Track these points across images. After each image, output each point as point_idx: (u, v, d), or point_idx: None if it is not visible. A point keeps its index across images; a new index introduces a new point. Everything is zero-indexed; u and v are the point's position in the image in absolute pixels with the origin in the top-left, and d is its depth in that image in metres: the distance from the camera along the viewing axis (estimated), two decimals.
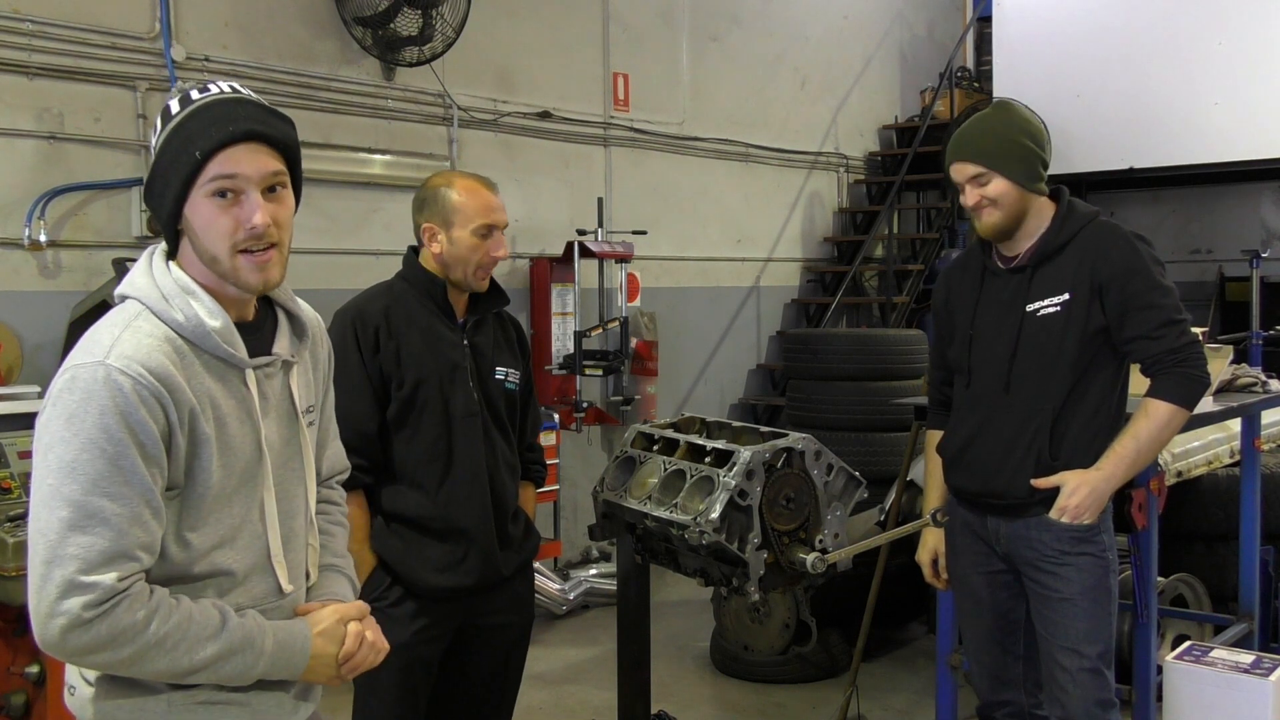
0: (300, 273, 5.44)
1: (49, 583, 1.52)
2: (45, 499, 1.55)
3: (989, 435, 2.91)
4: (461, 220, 2.77)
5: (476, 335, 2.88)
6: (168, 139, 1.66)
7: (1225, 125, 7.59)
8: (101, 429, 1.54)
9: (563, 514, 6.58)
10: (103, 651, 1.54)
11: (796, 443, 2.73)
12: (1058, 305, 2.82)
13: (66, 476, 1.54)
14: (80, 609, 1.51)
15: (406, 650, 2.71)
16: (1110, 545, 2.87)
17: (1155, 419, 2.77)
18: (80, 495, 1.53)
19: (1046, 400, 2.83)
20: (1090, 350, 2.81)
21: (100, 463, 1.54)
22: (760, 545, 2.64)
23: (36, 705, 3.62)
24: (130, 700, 1.65)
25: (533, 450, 3.10)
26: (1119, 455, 2.78)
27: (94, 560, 1.52)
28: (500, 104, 6.55)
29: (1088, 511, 2.77)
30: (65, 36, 4.76)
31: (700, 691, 4.99)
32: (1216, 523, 4.85)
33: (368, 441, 2.73)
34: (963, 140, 2.89)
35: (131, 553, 1.55)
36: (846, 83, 9.26)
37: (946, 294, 3.10)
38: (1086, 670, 2.81)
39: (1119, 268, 2.77)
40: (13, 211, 4.63)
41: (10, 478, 3.82)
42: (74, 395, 1.56)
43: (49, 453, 1.56)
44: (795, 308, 8.79)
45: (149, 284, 1.68)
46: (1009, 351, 2.87)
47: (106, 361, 1.57)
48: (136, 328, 1.63)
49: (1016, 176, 2.82)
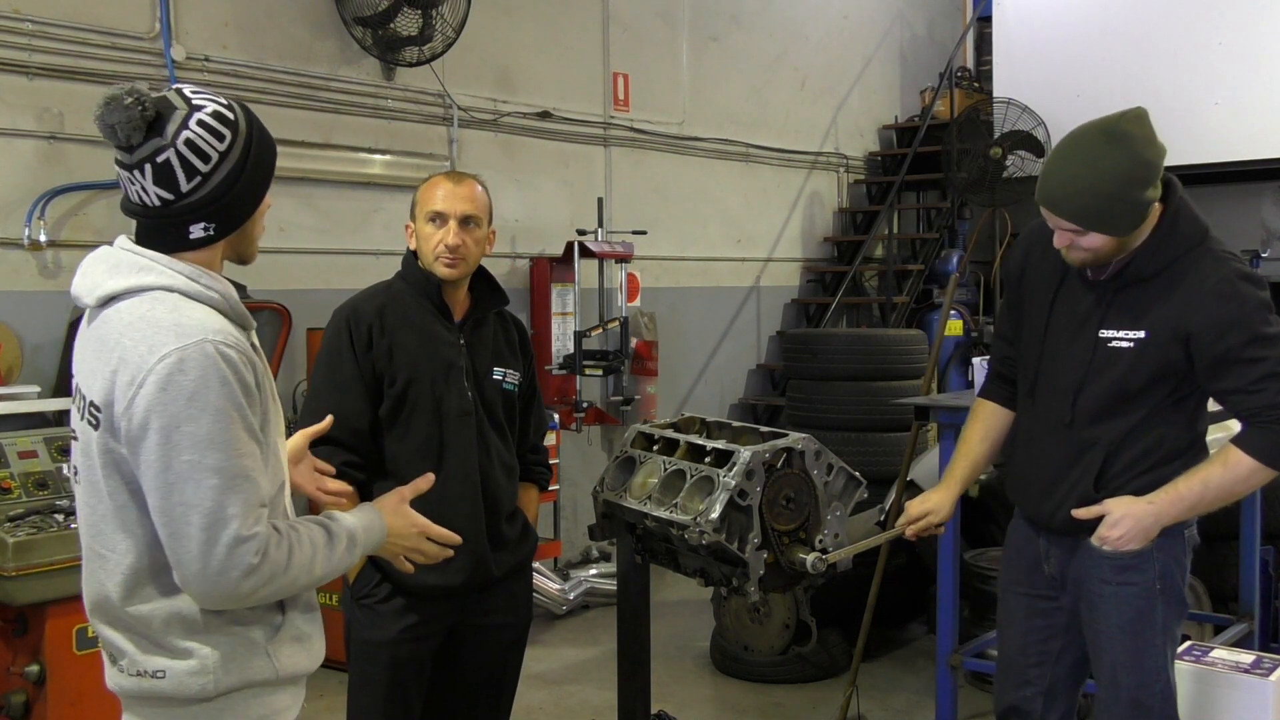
0: (300, 273, 5.45)
1: (217, 544, 1.68)
2: (187, 474, 1.68)
3: (1045, 460, 2.77)
4: (419, 210, 2.85)
5: (474, 335, 2.89)
6: (259, 143, 1.85)
7: (1225, 125, 7.59)
8: (226, 398, 1.71)
9: (563, 514, 6.58)
10: (269, 585, 1.74)
11: (796, 443, 2.73)
12: (1131, 342, 2.60)
13: (206, 448, 1.68)
14: (252, 558, 1.69)
15: (395, 647, 2.74)
16: (1166, 573, 2.67)
17: (1233, 470, 2.55)
18: (224, 462, 1.69)
19: (1105, 434, 2.66)
20: (1161, 389, 2.62)
21: (234, 429, 1.71)
22: (760, 545, 2.64)
23: (36, 705, 3.62)
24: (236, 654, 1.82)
25: (536, 452, 3.10)
26: (1179, 495, 2.58)
27: (249, 514, 1.71)
28: (500, 104, 6.55)
29: (1131, 543, 2.62)
30: (65, 36, 4.77)
31: (700, 691, 4.99)
32: (1216, 523, 4.84)
33: (359, 438, 2.75)
34: (1060, 194, 2.54)
35: (265, 499, 1.76)
36: (846, 83, 9.25)
37: (1022, 269, 2.86)
38: (1123, 701, 2.70)
39: (1214, 319, 2.51)
40: (13, 211, 4.63)
41: (10, 478, 3.82)
42: (189, 375, 1.69)
43: (175, 432, 1.68)
44: (795, 308, 8.79)
45: (165, 274, 1.78)
46: (1077, 381, 2.68)
47: (209, 339, 1.72)
48: (193, 308, 1.77)
49: (1114, 231, 2.54)
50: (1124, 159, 2.49)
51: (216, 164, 1.77)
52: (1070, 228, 2.56)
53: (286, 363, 5.25)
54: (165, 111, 1.76)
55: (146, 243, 1.81)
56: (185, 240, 1.80)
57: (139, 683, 1.81)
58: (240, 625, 1.82)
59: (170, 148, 1.74)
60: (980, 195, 8.06)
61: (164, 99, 1.78)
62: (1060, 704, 2.90)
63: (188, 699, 1.80)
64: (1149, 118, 2.56)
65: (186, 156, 1.75)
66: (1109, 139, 2.50)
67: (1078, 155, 2.53)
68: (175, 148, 1.74)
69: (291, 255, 5.43)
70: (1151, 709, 2.71)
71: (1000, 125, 8.02)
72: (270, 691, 1.86)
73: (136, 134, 1.73)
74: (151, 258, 1.79)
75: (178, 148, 1.74)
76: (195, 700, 1.80)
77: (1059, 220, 2.56)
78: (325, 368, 2.84)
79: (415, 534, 2.06)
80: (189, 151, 1.75)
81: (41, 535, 3.57)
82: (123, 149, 1.76)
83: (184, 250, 1.81)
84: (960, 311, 8.20)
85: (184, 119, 1.75)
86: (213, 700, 1.81)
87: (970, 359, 5.58)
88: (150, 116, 1.74)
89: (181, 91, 1.80)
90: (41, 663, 3.57)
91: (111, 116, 1.72)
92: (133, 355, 1.71)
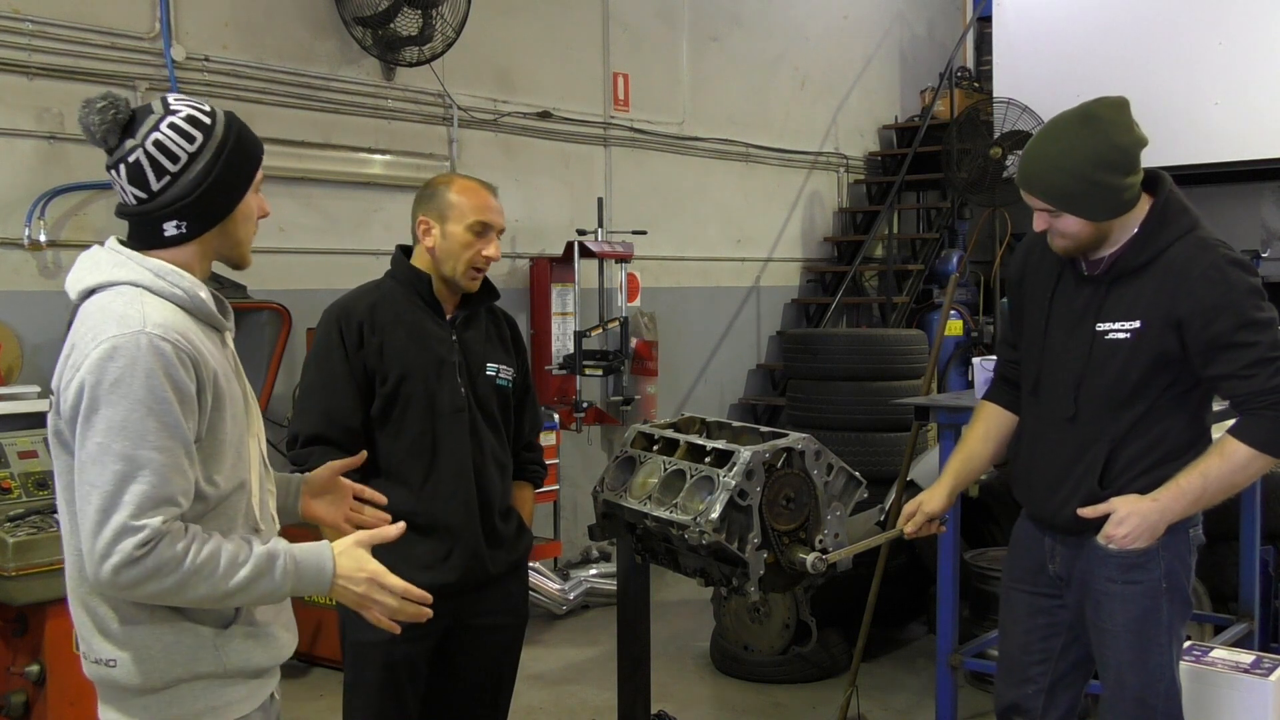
0: (300, 272, 5.45)
1: (105, 528, 1.71)
2: (95, 456, 1.72)
3: (1049, 457, 2.77)
4: (457, 215, 2.80)
5: (466, 331, 2.88)
6: (234, 147, 1.90)
7: (1225, 125, 7.59)
8: (148, 389, 1.73)
9: (563, 514, 6.58)
10: (150, 582, 1.72)
11: (796, 443, 2.73)
12: (1127, 333, 2.61)
13: (116, 434, 1.72)
14: (132, 549, 1.70)
15: (388, 648, 2.70)
16: (1172, 572, 2.67)
17: (1230, 460, 2.55)
18: (131, 450, 1.72)
19: (1107, 429, 2.66)
20: (1161, 380, 2.62)
21: (148, 420, 1.73)
22: (760, 545, 2.63)
23: (36, 705, 3.62)
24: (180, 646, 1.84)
25: (531, 450, 3.09)
26: (1181, 490, 2.57)
27: (144, 506, 1.71)
28: (500, 104, 6.55)
29: (1137, 541, 2.60)
30: (65, 36, 4.77)
31: (700, 691, 4.99)
32: (1216, 523, 4.83)
33: (351, 437, 2.75)
34: (1032, 172, 2.61)
35: (174, 498, 1.75)
36: (846, 83, 9.26)
37: (1022, 272, 2.88)
38: (1128, 700, 2.70)
39: (1204, 303, 2.52)
40: (13, 211, 4.63)
41: (10, 478, 3.82)
42: (117, 362, 1.73)
43: (93, 415, 1.73)
44: (795, 308, 8.79)
45: (134, 269, 1.85)
46: (1077, 375, 2.68)
47: (145, 330, 1.76)
48: (150, 302, 1.81)
49: (1088, 214, 2.58)
50: (1093, 140, 2.54)
51: (185, 164, 1.87)
52: (1043, 207, 2.61)
53: (286, 363, 5.25)
54: (140, 115, 1.88)
55: (131, 241, 1.91)
56: (160, 238, 1.89)
57: (97, 670, 1.87)
58: (188, 619, 1.85)
59: (140, 148, 1.86)
60: (980, 195, 8.06)
61: (145, 105, 1.91)
62: (1061, 703, 2.90)
63: (137, 689, 1.84)
64: (1129, 106, 2.61)
65: (155, 156, 1.86)
66: (1082, 121, 2.57)
67: (1051, 136, 2.61)
68: (144, 148, 1.86)
69: (291, 255, 5.43)
70: (1156, 708, 2.71)
71: (1000, 125, 8.02)
72: (221, 684, 1.88)
73: (111, 136, 1.86)
74: (127, 255, 1.88)
75: (146, 148, 1.86)
76: (144, 691, 1.84)
77: (1032, 199, 2.62)
78: (316, 367, 2.84)
79: (365, 579, 1.89)
80: (157, 151, 1.86)
81: (41, 535, 3.57)
82: (105, 151, 1.89)
83: (160, 248, 1.89)
84: (960, 311, 8.21)
85: (156, 122, 1.87)
86: (160, 691, 1.84)
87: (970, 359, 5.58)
88: (124, 120, 1.86)
89: (165, 99, 1.92)
90: (41, 663, 3.57)
91: (88, 119, 1.85)
92: (80, 341, 1.79)
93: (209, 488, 1.84)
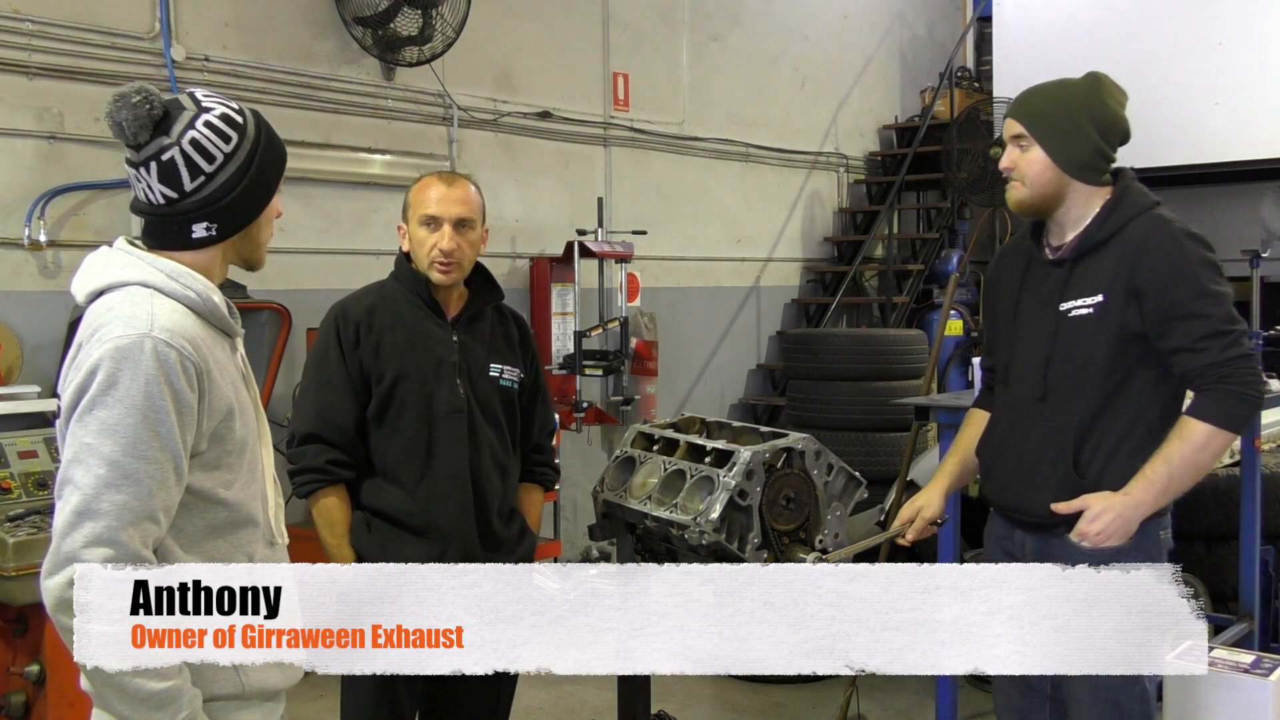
0: (300, 273, 5.45)
1: (77, 531, 1.64)
2: (80, 456, 1.67)
3: (1018, 445, 2.75)
4: (412, 213, 2.84)
5: (468, 332, 2.88)
6: (265, 148, 1.87)
7: (1225, 125, 7.58)
8: (145, 395, 1.68)
9: (563, 514, 6.58)
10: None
11: (796, 443, 2.73)
12: (1090, 307, 2.62)
13: (106, 436, 1.66)
14: (101, 561, 1.63)
15: None
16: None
17: (1190, 440, 2.53)
18: (119, 455, 1.66)
19: (1075, 411, 2.64)
20: (1128, 358, 2.61)
21: (141, 427, 1.67)
22: (760, 545, 2.64)
23: (36, 705, 3.62)
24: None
25: (540, 451, 3.06)
26: (1148, 480, 2.55)
27: (125, 518, 1.65)
28: (500, 104, 6.55)
29: (1111, 539, 2.57)
30: (65, 36, 4.76)
31: (700, 691, 4.99)
32: (1216, 523, 4.84)
33: (347, 436, 2.76)
34: (1024, 98, 2.72)
35: (154, 515, 1.68)
36: (846, 83, 9.26)
37: (996, 279, 2.94)
38: (1101, 702, 2.68)
39: (1159, 271, 2.55)
40: (13, 211, 4.63)
41: (10, 478, 3.82)
42: (117, 363, 1.69)
43: (87, 414, 1.68)
44: (795, 308, 8.79)
45: (146, 270, 1.79)
46: (1044, 356, 2.69)
47: (151, 334, 1.71)
48: (160, 304, 1.76)
49: (1056, 153, 2.63)
50: (1093, 94, 2.68)
51: (221, 165, 1.81)
52: (1018, 133, 2.68)
53: (286, 363, 5.25)
54: (174, 111, 1.80)
55: (151, 241, 1.85)
56: (188, 239, 1.83)
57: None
58: None
59: (175, 146, 1.78)
60: (980, 195, 8.06)
61: (175, 100, 1.82)
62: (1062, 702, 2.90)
63: None
64: (1126, 99, 2.73)
65: (191, 156, 1.79)
66: (1090, 78, 2.73)
67: (1055, 80, 2.76)
68: (180, 146, 1.79)
69: (291, 255, 5.42)
70: (1131, 710, 2.69)
71: (1000, 125, 8.02)
72: (238, 707, 1.83)
73: (143, 132, 1.77)
74: (138, 255, 1.82)
75: (183, 147, 1.79)
76: None
77: (1013, 124, 2.70)
78: (314, 367, 2.85)
79: None
80: (194, 151, 1.79)
81: (41, 535, 3.57)
82: (130, 146, 1.80)
83: (186, 249, 1.84)
84: (960, 311, 8.20)
85: (191, 119, 1.80)
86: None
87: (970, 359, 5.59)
88: (158, 115, 1.78)
89: (194, 94, 1.85)
90: (41, 663, 3.57)
91: (120, 114, 1.76)
92: (86, 341, 1.75)
93: (225, 493, 1.80)
